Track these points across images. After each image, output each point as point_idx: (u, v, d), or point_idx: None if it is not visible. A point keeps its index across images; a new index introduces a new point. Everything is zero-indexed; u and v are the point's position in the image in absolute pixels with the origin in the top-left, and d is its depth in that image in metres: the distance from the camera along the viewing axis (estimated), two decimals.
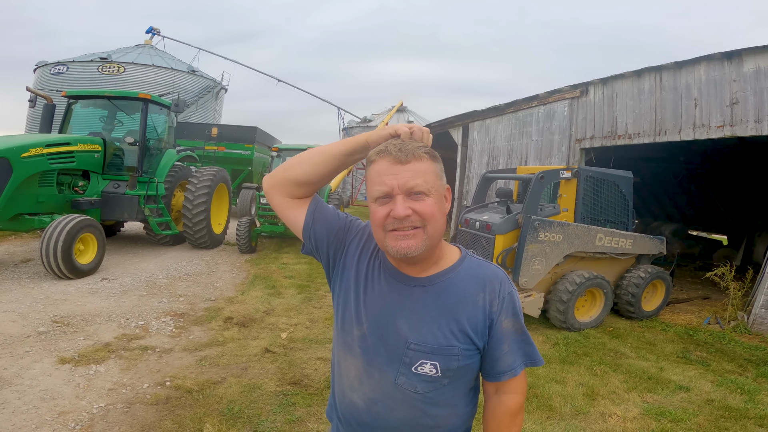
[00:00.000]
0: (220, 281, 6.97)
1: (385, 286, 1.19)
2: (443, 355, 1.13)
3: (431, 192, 1.09)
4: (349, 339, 1.22)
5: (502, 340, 1.18)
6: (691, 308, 6.97)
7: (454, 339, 1.14)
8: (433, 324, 1.14)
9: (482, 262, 1.24)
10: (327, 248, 1.27)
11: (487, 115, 11.58)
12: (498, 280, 1.20)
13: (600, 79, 7.85)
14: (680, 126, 6.41)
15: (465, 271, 1.19)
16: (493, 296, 1.17)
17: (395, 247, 1.09)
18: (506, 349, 1.19)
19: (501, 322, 1.17)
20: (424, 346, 1.13)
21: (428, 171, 1.10)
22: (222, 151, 14.84)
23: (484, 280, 1.19)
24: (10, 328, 4.32)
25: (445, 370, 1.14)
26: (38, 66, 24.05)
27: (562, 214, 5.75)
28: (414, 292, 1.17)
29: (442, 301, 1.15)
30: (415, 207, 1.07)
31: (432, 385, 1.15)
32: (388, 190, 1.08)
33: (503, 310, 1.18)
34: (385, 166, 1.09)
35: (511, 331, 1.19)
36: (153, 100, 8.61)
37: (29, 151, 6.49)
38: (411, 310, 1.15)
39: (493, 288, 1.18)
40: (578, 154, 8.41)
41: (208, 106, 25.11)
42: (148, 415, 3.07)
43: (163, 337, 4.53)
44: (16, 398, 3.10)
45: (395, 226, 1.08)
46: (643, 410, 3.62)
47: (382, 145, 1.13)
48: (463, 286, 1.17)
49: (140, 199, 8.01)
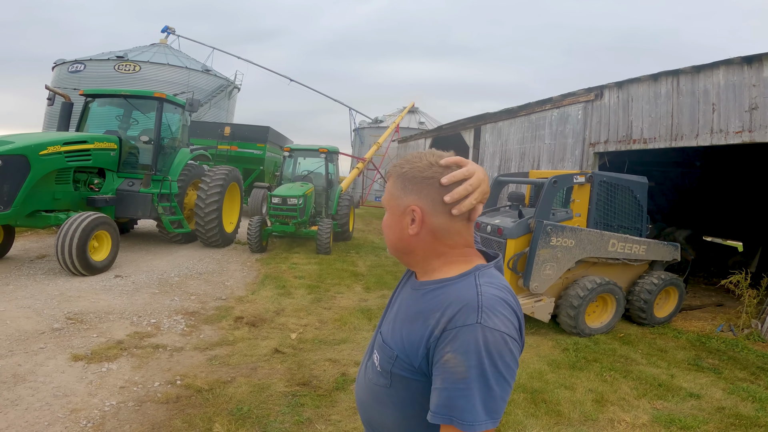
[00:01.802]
0: (231, 280, 7.03)
1: (404, 293, 1.29)
2: (384, 352, 1.16)
3: (390, 208, 1.20)
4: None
5: (437, 374, 1.00)
6: (704, 315, 6.87)
7: (395, 343, 1.12)
8: (396, 322, 1.19)
9: (472, 285, 1.07)
10: None
11: (499, 117, 11.52)
12: (461, 304, 1.02)
13: (615, 82, 7.76)
14: (697, 131, 6.31)
15: (449, 289, 1.09)
16: (445, 322, 1.01)
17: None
18: (437, 385, 0.99)
19: (444, 353, 0.98)
20: (383, 337, 1.20)
21: (388, 190, 1.20)
22: (234, 151, 14.94)
23: (448, 303, 1.04)
24: (25, 324, 4.40)
25: (384, 367, 1.13)
26: (56, 64, 24.47)
27: (575, 219, 5.70)
28: (405, 293, 1.26)
29: (413, 308, 1.15)
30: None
31: (378, 378, 1.16)
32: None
33: (449, 341, 0.98)
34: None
35: (448, 370, 0.96)
36: (168, 99, 8.71)
37: (47, 149, 6.59)
38: (398, 308, 1.24)
39: (450, 312, 1.01)
40: (592, 159, 8.32)
41: (221, 105, 25.34)
42: (158, 413, 3.11)
43: (175, 335, 4.57)
44: (30, 395, 3.16)
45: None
46: (653, 417, 3.58)
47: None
48: (432, 302, 1.09)
49: (154, 197, 8.10)
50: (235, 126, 15.60)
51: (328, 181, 11.00)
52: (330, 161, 11.13)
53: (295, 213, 9.23)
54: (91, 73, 22.76)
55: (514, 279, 5.45)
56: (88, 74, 22.65)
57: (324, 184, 10.96)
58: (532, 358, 4.66)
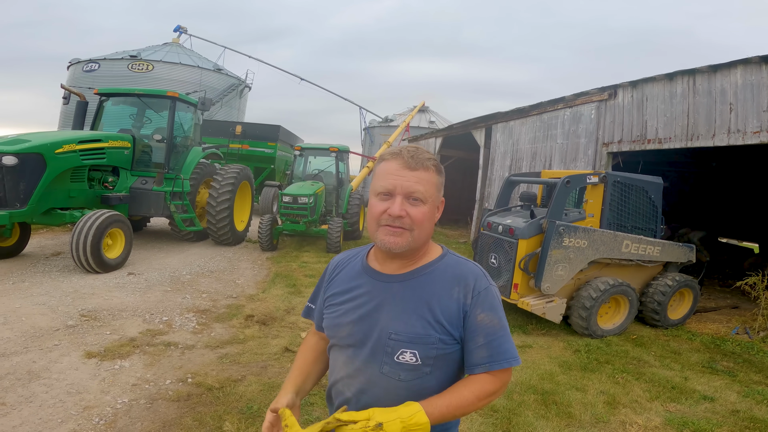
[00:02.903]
0: (242, 278, 7.06)
1: (367, 288, 1.30)
2: (421, 343, 1.21)
3: (427, 201, 1.21)
4: (339, 342, 1.33)
5: (477, 333, 1.22)
6: (719, 317, 6.77)
7: (430, 328, 1.21)
8: (411, 315, 1.22)
9: (461, 260, 1.32)
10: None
11: (510, 116, 11.43)
12: (473, 275, 1.26)
13: (630, 81, 7.66)
14: (714, 131, 6.20)
15: (443, 268, 1.28)
16: (468, 290, 1.23)
17: (383, 240, 1.21)
18: (480, 342, 1.21)
19: (476, 315, 1.22)
20: (403, 335, 1.21)
21: (430, 181, 1.22)
22: (246, 149, 15.01)
23: (459, 275, 1.26)
24: (40, 321, 4.46)
25: (424, 358, 1.21)
26: (71, 63, 24.77)
27: (588, 220, 5.64)
28: (393, 288, 1.27)
29: (418, 294, 1.24)
30: (409, 211, 1.19)
31: (414, 373, 1.22)
32: (391, 188, 1.20)
33: (478, 304, 1.22)
34: (394, 167, 1.21)
35: (486, 325, 1.22)
36: (181, 98, 8.78)
37: (63, 148, 6.68)
38: (392, 304, 1.25)
39: (467, 283, 1.24)
40: (605, 159, 8.23)
41: (232, 104, 25.48)
42: (169, 411, 3.13)
43: (186, 333, 4.60)
44: (44, 392, 3.20)
45: (388, 222, 1.20)
46: (666, 420, 3.54)
47: (398, 147, 1.26)
48: (439, 280, 1.25)
49: (166, 195, 8.17)
50: (246, 125, 15.67)
51: (339, 180, 11.01)
52: (340, 160, 11.15)
53: (305, 212, 9.26)
54: (105, 72, 23.01)
55: (526, 279, 5.41)
56: (103, 73, 22.91)
57: (334, 182, 10.98)
58: (543, 360, 4.62)
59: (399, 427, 1.09)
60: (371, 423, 1.10)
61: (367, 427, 1.09)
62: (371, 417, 1.12)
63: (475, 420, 3.33)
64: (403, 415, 1.11)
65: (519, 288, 5.40)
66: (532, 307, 5.26)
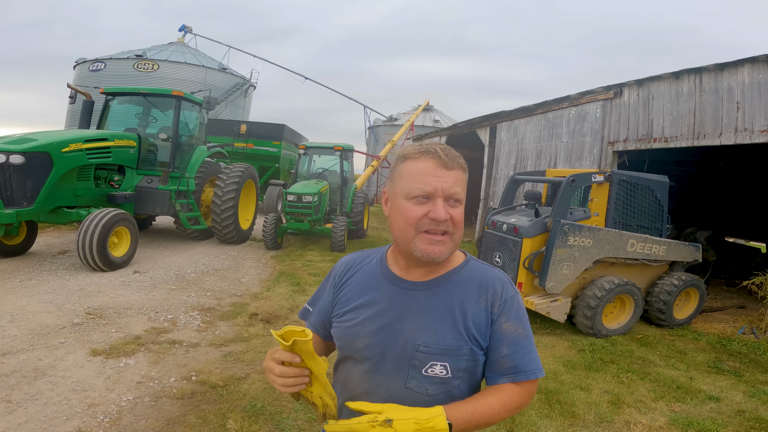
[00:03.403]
0: (246, 277, 7.09)
1: (388, 295, 1.21)
2: (453, 356, 1.14)
3: (463, 201, 1.14)
4: (353, 354, 1.23)
5: (501, 343, 1.17)
6: (726, 317, 6.72)
7: (461, 339, 1.15)
8: (440, 325, 1.15)
9: (486, 266, 1.26)
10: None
11: (515, 115, 11.40)
12: (501, 283, 1.21)
13: (635, 80, 7.61)
14: (721, 130, 6.16)
15: (468, 274, 1.22)
16: (495, 298, 1.18)
17: (425, 250, 1.12)
18: (505, 352, 1.17)
19: (501, 324, 1.17)
20: (433, 347, 1.14)
21: (464, 181, 1.15)
22: (250, 148, 15.05)
23: (486, 283, 1.20)
24: (46, 319, 4.49)
25: (455, 371, 1.15)
26: (78, 63, 24.92)
27: (593, 219, 5.61)
28: (419, 296, 1.19)
29: (447, 303, 1.17)
30: (451, 213, 1.11)
31: (443, 386, 1.15)
32: (432, 191, 1.10)
33: (504, 312, 1.18)
34: (429, 167, 1.11)
35: (512, 334, 1.17)
36: (186, 97, 8.81)
37: (69, 147, 6.72)
38: (417, 314, 1.17)
39: (495, 290, 1.19)
40: (611, 157, 8.19)
41: (237, 103, 25.54)
42: (173, 409, 3.15)
43: (191, 331, 4.62)
44: (50, 389, 3.22)
45: (430, 227, 1.11)
46: (670, 420, 3.52)
47: (425, 144, 1.16)
48: (466, 288, 1.19)
49: (172, 194, 8.21)
50: (251, 124, 15.72)
51: (343, 179, 11.02)
52: (345, 159, 11.15)
53: (310, 210, 9.27)
54: (111, 71, 23.13)
55: (530, 278, 5.39)
56: (108, 73, 23.03)
57: (339, 181, 10.98)
58: (547, 359, 4.61)
59: (412, 428, 1.02)
60: (381, 417, 1.03)
61: (376, 420, 1.03)
62: (383, 411, 1.05)
63: None
64: (420, 416, 1.03)
65: (523, 287, 5.38)
66: (537, 306, 5.24)
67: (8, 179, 6.10)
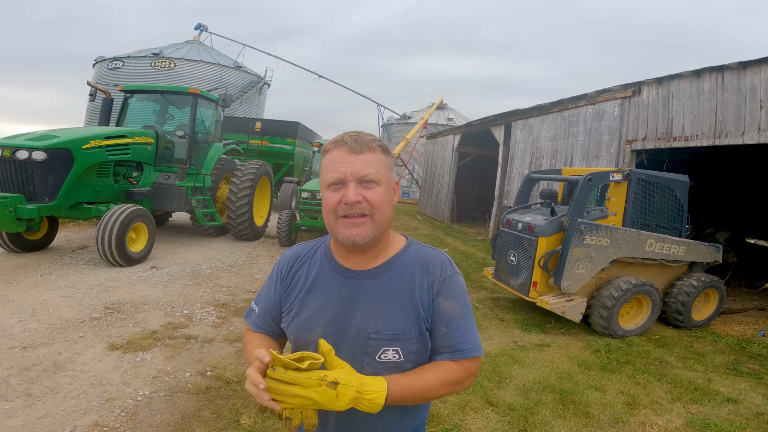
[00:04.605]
0: (260, 273, 7.14)
1: (336, 286, 1.24)
2: (403, 339, 1.17)
3: (381, 182, 1.15)
4: (308, 347, 1.23)
5: (440, 321, 1.20)
6: (746, 319, 6.58)
7: (409, 323, 1.18)
8: (388, 311, 1.19)
9: (426, 248, 1.29)
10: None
11: (530, 114, 11.29)
12: (440, 262, 1.24)
13: (655, 78, 7.48)
14: (743, 129, 6.02)
15: (410, 258, 1.25)
16: (435, 278, 1.21)
17: (345, 234, 1.15)
18: (443, 331, 1.20)
19: (439, 303, 1.20)
20: (384, 333, 1.17)
21: (380, 162, 1.16)
22: (265, 146, 15.15)
23: (427, 264, 1.23)
24: (66, 313, 4.58)
25: (407, 354, 1.18)
26: (97, 61, 25.33)
27: (610, 218, 5.53)
28: (366, 285, 1.22)
29: (393, 289, 1.20)
30: (365, 194, 1.13)
31: (397, 370, 1.18)
32: (341, 176, 1.13)
33: (441, 291, 1.21)
34: (339, 155, 1.15)
35: (449, 313, 1.20)
36: (202, 94, 8.90)
37: (89, 143, 6.84)
38: (366, 302, 1.20)
39: (434, 270, 1.22)
40: (628, 156, 8.06)
41: (252, 100, 25.73)
42: (188, 403, 3.18)
43: (206, 326, 4.68)
44: (68, 383, 3.28)
45: (346, 212, 1.13)
46: (687, 421, 3.46)
47: (339, 136, 1.20)
48: (409, 272, 1.22)
49: (188, 190, 8.30)
50: (265, 121, 15.79)
51: None
52: None
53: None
54: (129, 69, 23.48)
55: (545, 277, 5.34)
56: (127, 71, 23.38)
57: None
58: (562, 359, 4.57)
59: (352, 395, 1.03)
60: (329, 378, 1.03)
61: (324, 380, 1.03)
62: (337, 367, 1.06)
63: (491, 418, 3.31)
64: (363, 388, 1.05)
65: (538, 286, 5.33)
66: (552, 305, 5.19)
67: (30, 175, 6.23)
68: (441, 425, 3.14)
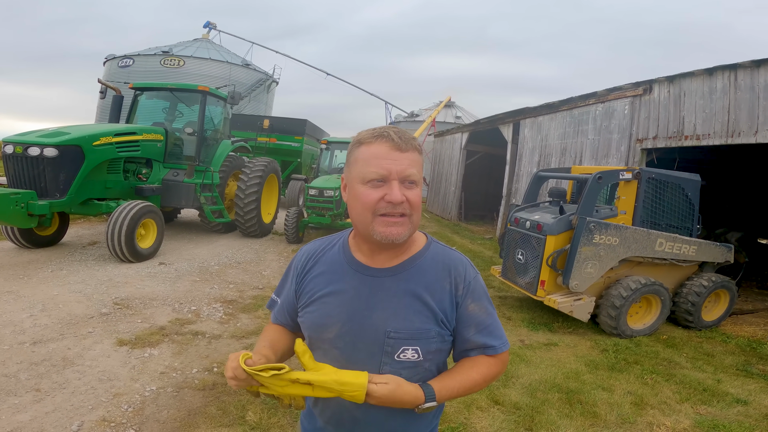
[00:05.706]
0: (268, 270, 7.17)
1: (353, 283, 1.22)
2: (423, 339, 1.17)
3: (419, 183, 1.14)
4: (323, 344, 1.22)
5: (469, 323, 1.22)
6: (756, 320, 6.50)
7: (429, 322, 1.18)
8: (408, 310, 1.17)
9: (446, 248, 1.29)
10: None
11: (539, 112, 11.21)
12: (462, 265, 1.25)
13: (666, 76, 7.39)
14: (757, 128, 5.93)
15: (431, 257, 1.24)
16: (459, 281, 1.22)
17: (384, 232, 1.12)
18: (473, 332, 1.23)
19: (467, 306, 1.22)
20: (404, 332, 1.16)
21: (419, 162, 1.15)
22: (273, 143, 15.19)
23: (449, 266, 1.23)
24: (76, 309, 4.63)
25: (426, 353, 1.18)
26: (107, 59, 25.56)
27: (620, 217, 5.48)
28: (385, 283, 1.20)
29: (413, 288, 1.19)
30: (407, 194, 1.11)
31: (415, 370, 1.18)
32: (386, 174, 1.10)
33: (468, 294, 1.22)
34: (383, 150, 1.11)
35: (477, 315, 1.23)
36: (211, 92, 8.94)
37: (100, 140, 6.91)
38: (385, 300, 1.18)
39: (457, 273, 1.23)
40: (639, 155, 7.98)
41: (260, 98, 25.82)
42: (195, 400, 3.20)
43: (213, 323, 4.70)
44: (77, 378, 3.31)
45: (387, 210, 1.11)
46: (695, 422, 3.42)
47: (378, 129, 1.16)
48: (431, 271, 1.22)
49: (197, 187, 8.35)
50: (273, 119, 15.85)
51: None
52: None
53: (331, 205, 9.32)
54: (139, 67, 23.67)
55: (553, 276, 5.30)
56: (137, 69, 23.56)
57: None
58: (569, 358, 4.54)
59: (330, 395, 1.08)
60: (301, 380, 1.07)
61: (297, 381, 1.07)
62: (310, 372, 1.09)
63: (497, 417, 3.29)
64: (343, 387, 1.07)
65: (546, 285, 5.30)
66: (560, 304, 5.16)
67: (42, 171, 6.30)
68: (447, 423, 3.13)
